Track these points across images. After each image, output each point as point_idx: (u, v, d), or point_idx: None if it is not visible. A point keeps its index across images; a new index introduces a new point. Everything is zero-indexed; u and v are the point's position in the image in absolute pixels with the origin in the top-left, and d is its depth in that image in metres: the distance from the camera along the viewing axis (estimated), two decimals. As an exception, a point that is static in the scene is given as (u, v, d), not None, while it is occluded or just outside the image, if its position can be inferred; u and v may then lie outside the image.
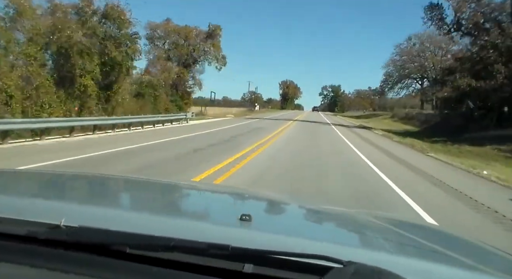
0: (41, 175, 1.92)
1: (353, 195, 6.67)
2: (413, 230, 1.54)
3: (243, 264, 0.78)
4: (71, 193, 1.57)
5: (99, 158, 9.49)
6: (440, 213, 5.71)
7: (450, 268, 0.88)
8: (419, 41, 58.21)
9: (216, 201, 1.74)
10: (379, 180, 8.32)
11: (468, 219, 5.57)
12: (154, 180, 2.15)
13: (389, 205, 6.11)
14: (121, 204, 1.45)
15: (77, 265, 0.79)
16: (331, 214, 1.64)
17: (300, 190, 6.74)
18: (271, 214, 1.58)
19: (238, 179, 7.46)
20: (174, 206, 1.51)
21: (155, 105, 28.24)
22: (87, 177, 1.97)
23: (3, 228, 0.86)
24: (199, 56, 38.20)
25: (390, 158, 12.86)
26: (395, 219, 1.85)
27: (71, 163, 8.39)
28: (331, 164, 10.47)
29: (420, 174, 9.74)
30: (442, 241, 1.40)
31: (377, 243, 1.20)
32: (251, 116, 45.22)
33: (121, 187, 1.81)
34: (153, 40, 36.88)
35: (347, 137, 21.16)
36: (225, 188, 3.33)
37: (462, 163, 12.35)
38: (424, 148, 16.92)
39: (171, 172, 7.77)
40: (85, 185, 1.74)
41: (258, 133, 19.71)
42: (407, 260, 0.92)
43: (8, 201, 1.10)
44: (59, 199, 1.33)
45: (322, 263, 0.75)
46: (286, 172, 8.67)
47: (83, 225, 0.84)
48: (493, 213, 5.89)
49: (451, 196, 7.18)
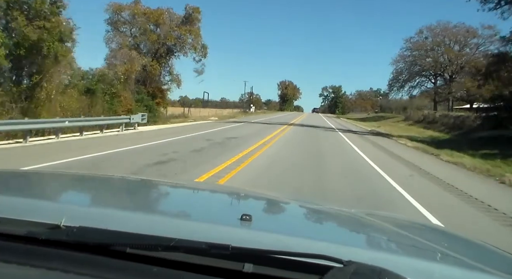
0: (41, 175, 1.95)
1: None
2: (413, 229, 1.59)
3: (243, 263, 0.79)
4: (71, 193, 1.56)
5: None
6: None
7: (450, 268, 0.88)
8: (432, 34, 51.50)
9: (217, 201, 1.74)
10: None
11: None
12: (154, 180, 2.15)
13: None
14: (121, 204, 1.41)
15: (77, 265, 0.79)
16: (331, 213, 1.64)
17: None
18: (271, 214, 1.59)
19: None
20: (175, 206, 1.49)
21: (111, 105, 22.00)
22: (87, 177, 1.99)
23: (3, 228, 0.87)
24: (174, 45, 30.33)
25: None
26: (395, 219, 1.84)
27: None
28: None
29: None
30: (442, 240, 1.41)
31: (377, 242, 1.20)
32: (238, 119, 37.63)
33: (121, 187, 1.79)
34: (117, 26, 29.47)
35: (368, 154, 12.94)
36: (225, 188, 3.18)
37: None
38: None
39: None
40: (85, 185, 1.73)
41: (211, 155, 10.98)
42: (407, 259, 0.92)
43: (8, 201, 1.08)
44: (59, 199, 1.31)
45: (322, 263, 0.76)
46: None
47: (83, 225, 0.85)
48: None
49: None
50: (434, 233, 1.58)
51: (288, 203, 1.87)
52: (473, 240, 1.45)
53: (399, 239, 1.27)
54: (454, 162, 12.44)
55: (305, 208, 1.78)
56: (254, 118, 40.67)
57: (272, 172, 8.86)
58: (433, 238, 1.44)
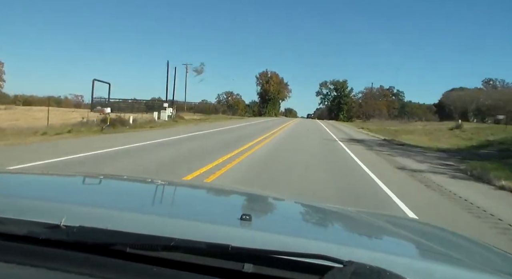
0: (41, 175, 1.94)
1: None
2: (413, 229, 1.57)
3: (243, 263, 0.79)
4: (71, 193, 1.56)
5: None
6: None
7: (450, 268, 0.88)
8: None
9: (217, 201, 1.75)
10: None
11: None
12: (154, 179, 2.11)
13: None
14: (121, 203, 1.39)
15: (77, 265, 0.80)
16: (331, 213, 1.64)
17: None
18: (271, 214, 1.59)
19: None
20: (174, 205, 1.50)
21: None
22: (87, 176, 1.98)
23: (3, 228, 0.87)
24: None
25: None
26: (395, 219, 1.82)
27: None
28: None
29: None
30: (442, 240, 1.41)
31: (377, 242, 1.20)
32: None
33: (121, 187, 1.79)
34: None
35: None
36: (225, 188, 3.16)
37: None
38: None
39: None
40: (85, 184, 1.74)
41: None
42: (407, 259, 0.91)
43: (8, 201, 1.09)
44: (59, 199, 1.31)
45: (322, 263, 0.76)
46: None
47: (83, 225, 0.85)
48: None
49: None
50: (434, 233, 1.59)
51: (288, 203, 1.86)
52: (474, 240, 1.45)
53: (399, 239, 1.27)
54: None
55: (305, 208, 1.78)
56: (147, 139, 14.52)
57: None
58: (433, 238, 1.44)
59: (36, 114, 29.06)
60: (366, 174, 9.58)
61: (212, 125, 31.15)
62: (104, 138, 14.98)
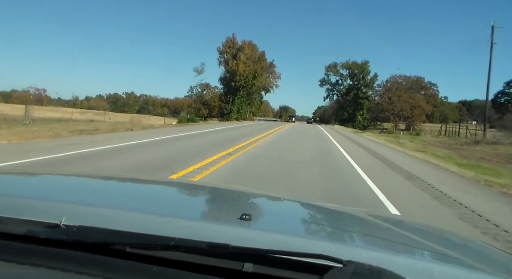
0: (40, 175, 1.95)
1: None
2: (413, 229, 1.57)
3: (243, 263, 0.79)
4: (71, 192, 1.56)
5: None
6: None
7: (450, 268, 0.88)
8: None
9: (216, 200, 1.74)
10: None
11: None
12: (154, 179, 2.15)
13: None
14: (121, 203, 1.40)
15: (77, 264, 0.80)
16: (331, 213, 1.64)
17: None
18: (271, 214, 1.58)
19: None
20: (174, 205, 1.49)
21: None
22: (86, 176, 1.98)
23: (3, 228, 0.87)
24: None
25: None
26: (395, 219, 1.85)
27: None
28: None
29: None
30: (442, 240, 1.41)
31: (376, 242, 1.20)
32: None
33: (121, 187, 1.79)
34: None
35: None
36: (225, 187, 3.09)
37: None
38: None
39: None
40: (85, 184, 1.74)
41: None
42: (407, 259, 0.92)
43: (8, 200, 1.09)
44: (58, 198, 1.31)
45: (322, 263, 0.76)
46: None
47: (83, 224, 0.85)
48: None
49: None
50: (433, 233, 1.60)
51: (288, 203, 1.87)
52: (473, 240, 1.44)
53: (399, 239, 1.28)
54: None
55: (305, 208, 1.79)
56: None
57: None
58: (433, 238, 1.45)
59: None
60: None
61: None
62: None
